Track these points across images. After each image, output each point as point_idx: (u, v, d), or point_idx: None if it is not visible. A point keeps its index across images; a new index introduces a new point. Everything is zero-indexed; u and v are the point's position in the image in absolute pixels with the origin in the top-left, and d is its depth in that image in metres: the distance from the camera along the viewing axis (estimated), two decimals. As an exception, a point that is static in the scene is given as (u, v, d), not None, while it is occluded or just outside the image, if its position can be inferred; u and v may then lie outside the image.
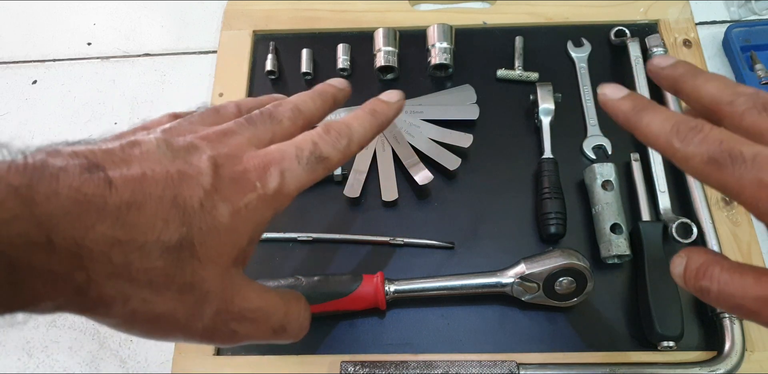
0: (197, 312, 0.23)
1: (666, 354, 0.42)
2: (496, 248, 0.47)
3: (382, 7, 0.58)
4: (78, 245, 0.19)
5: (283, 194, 0.25)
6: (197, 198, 0.22)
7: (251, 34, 0.57)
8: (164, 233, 0.21)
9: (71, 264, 0.19)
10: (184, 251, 0.21)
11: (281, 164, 0.25)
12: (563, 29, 0.56)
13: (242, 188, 0.23)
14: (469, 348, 0.43)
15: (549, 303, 0.42)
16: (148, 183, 0.21)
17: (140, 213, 0.20)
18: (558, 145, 0.50)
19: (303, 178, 0.25)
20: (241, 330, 0.25)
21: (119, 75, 0.59)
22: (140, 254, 0.20)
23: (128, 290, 0.21)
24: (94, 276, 0.20)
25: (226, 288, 0.23)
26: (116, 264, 0.20)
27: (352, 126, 0.28)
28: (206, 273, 0.22)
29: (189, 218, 0.21)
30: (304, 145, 0.26)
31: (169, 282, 0.21)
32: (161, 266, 0.21)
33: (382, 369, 0.41)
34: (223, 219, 0.22)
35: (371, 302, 0.43)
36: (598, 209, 0.46)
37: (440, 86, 0.54)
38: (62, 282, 0.19)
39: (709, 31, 0.57)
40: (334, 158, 0.27)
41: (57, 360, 0.46)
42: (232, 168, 0.24)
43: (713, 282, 0.23)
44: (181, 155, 0.23)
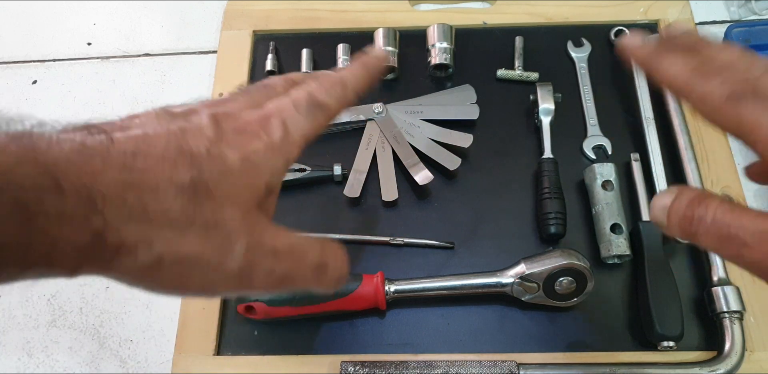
0: (227, 249, 0.22)
1: (666, 354, 0.42)
2: (496, 248, 0.47)
3: (382, 7, 0.58)
4: (88, 189, 0.19)
5: (289, 141, 0.25)
6: (203, 146, 0.22)
7: (251, 34, 0.57)
8: (174, 174, 0.20)
9: (85, 207, 0.19)
10: (199, 191, 0.21)
11: (281, 114, 0.25)
12: (563, 29, 0.56)
13: (247, 137, 0.23)
14: (469, 348, 0.43)
15: (549, 303, 0.42)
16: (150, 138, 0.21)
17: (147, 159, 0.20)
18: (558, 145, 0.50)
19: (305, 125, 0.25)
20: (279, 268, 0.24)
21: (119, 75, 0.59)
22: (154, 195, 0.20)
23: (150, 232, 0.20)
24: (111, 220, 0.19)
25: (253, 226, 0.23)
26: (131, 207, 0.19)
27: (344, 75, 0.29)
28: (227, 213, 0.22)
29: (198, 162, 0.21)
30: (299, 95, 0.26)
31: (190, 222, 0.21)
32: (178, 206, 0.20)
33: (382, 369, 0.41)
34: (233, 164, 0.22)
35: (371, 302, 0.43)
36: (598, 209, 0.46)
37: (440, 86, 0.54)
38: (79, 226, 0.19)
39: (709, 31, 0.57)
40: (332, 105, 0.27)
41: (57, 360, 0.46)
42: (232, 122, 0.24)
43: (709, 210, 0.22)
44: (180, 118, 0.23)
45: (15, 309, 0.48)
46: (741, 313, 0.41)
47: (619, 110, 0.52)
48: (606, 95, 0.53)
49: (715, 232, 0.22)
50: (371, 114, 0.51)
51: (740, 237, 0.21)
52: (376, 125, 0.51)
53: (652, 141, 0.49)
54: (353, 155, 0.50)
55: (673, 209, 0.23)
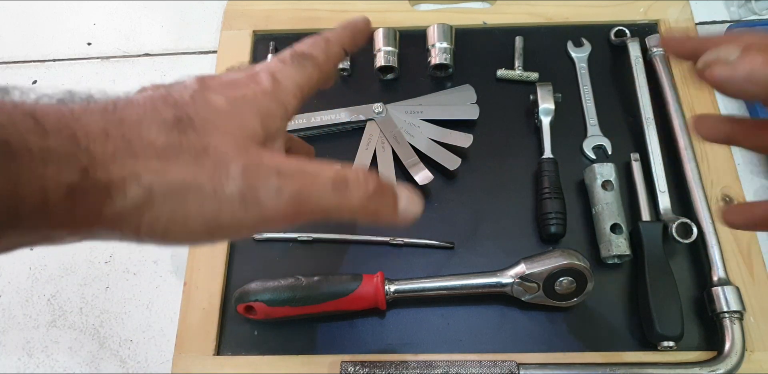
0: (221, 172, 0.20)
1: (666, 354, 0.42)
2: (496, 248, 0.47)
3: (382, 7, 0.58)
4: (71, 128, 0.19)
5: (281, 89, 0.25)
6: (186, 95, 0.22)
7: (251, 34, 0.57)
8: (157, 114, 0.21)
9: (69, 144, 0.18)
10: (183, 125, 0.21)
11: (268, 67, 0.25)
12: (563, 29, 0.56)
13: (235, 87, 0.24)
14: (469, 348, 0.43)
15: (549, 303, 0.42)
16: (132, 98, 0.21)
17: (127, 108, 0.20)
18: (558, 145, 0.50)
19: (295, 74, 0.26)
20: (288, 186, 0.21)
21: (119, 75, 0.59)
22: (138, 129, 0.20)
23: (136, 165, 0.19)
24: (97, 156, 0.19)
25: (248, 150, 0.22)
26: (116, 141, 0.19)
27: (323, 32, 0.29)
28: (216, 140, 0.21)
29: (181, 106, 0.21)
30: (283, 52, 0.27)
31: (178, 150, 0.20)
32: (164, 137, 0.20)
33: (382, 369, 0.41)
34: (219, 105, 0.22)
35: (371, 302, 0.43)
36: (598, 209, 0.46)
37: (440, 86, 0.54)
38: (65, 164, 0.18)
39: (709, 31, 0.57)
40: (318, 56, 0.27)
41: (57, 360, 0.46)
42: (218, 79, 0.24)
43: None
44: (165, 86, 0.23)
45: (15, 309, 0.48)
46: (741, 313, 0.41)
47: (619, 110, 0.52)
48: (606, 95, 0.53)
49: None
50: (371, 114, 0.51)
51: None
52: (376, 125, 0.51)
53: (652, 141, 0.49)
54: (353, 155, 0.50)
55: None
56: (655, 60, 0.52)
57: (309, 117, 0.52)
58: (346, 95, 0.54)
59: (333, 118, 0.51)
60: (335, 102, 0.53)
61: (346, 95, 0.54)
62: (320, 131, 0.52)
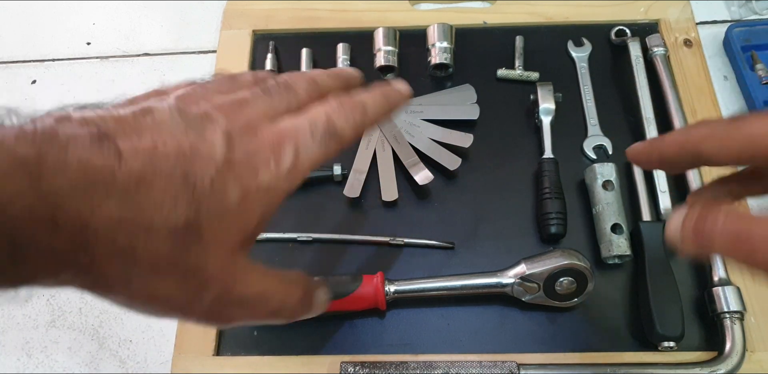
0: (197, 296, 0.22)
1: (666, 354, 0.42)
2: (497, 248, 0.47)
3: (382, 7, 0.58)
4: (83, 225, 0.19)
5: (297, 171, 0.24)
6: (209, 177, 0.21)
7: (251, 33, 0.57)
8: (172, 214, 0.20)
9: (75, 244, 0.19)
10: (190, 234, 0.21)
11: (296, 139, 0.24)
12: (563, 29, 0.56)
13: (255, 166, 0.23)
14: (470, 349, 0.43)
15: (549, 303, 0.42)
16: (158, 157, 0.20)
17: (149, 191, 0.20)
18: (558, 145, 0.49)
19: (316, 154, 0.25)
20: (238, 315, 0.25)
21: (119, 75, 0.59)
22: (146, 236, 0.20)
23: (131, 272, 0.20)
24: (98, 257, 0.19)
25: (229, 273, 0.23)
26: (121, 246, 0.20)
27: (366, 103, 0.27)
28: (210, 258, 0.22)
29: (198, 197, 0.21)
30: (318, 118, 0.25)
31: (173, 267, 0.21)
32: (166, 249, 0.20)
33: (382, 369, 0.41)
34: (233, 201, 0.22)
35: (371, 302, 0.42)
36: (598, 209, 0.45)
37: (440, 86, 0.54)
38: (64, 261, 0.19)
39: (710, 30, 0.57)
40: (346, 134, 0.26)
41: (56, 360, 0.46)
42: (246, 144, 0.23)
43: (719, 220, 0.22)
44: (194, 126, 0.22)
45: (14, 309, 0.48)
46: (742, 313, 0.41)
47: (619, 110, 0.52)
48: (606, 94, 0.53)
49: (726, 239, 0.22)
50: (371, 114, 0.51)
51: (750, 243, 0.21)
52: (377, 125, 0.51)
53: (652, 141, 0.48)
54: (353, 154, 0.50)
55: (685, 227, 0.23)
56: (656, 60, 0.52)
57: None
58: (346, 95, 0.54)
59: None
60: (335, 102, 0.53)
61: (346, 95, 0.54)
62: (320, 131, 0.52)
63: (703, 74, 0.53)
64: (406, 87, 0.31)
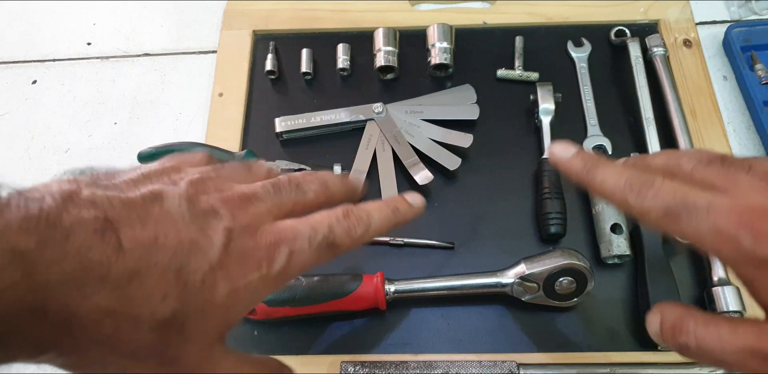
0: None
1: (666, 354, 0.42)
2: (496, 248, 0.47)
3: (382, 7, 0.58)
4: (71, 314, 0.19)
5: (286, 274, 0.24)
6: (201, 273, 0.22)
7: (251, 34, 0.57)
8: (159, 307, 0.21)
9: (60, 332, 0.19)
10: (174, 327, 0.22)
11: (293, 243, 0.24)
12: (563, 29, 0.56)
13: (247, 266, 0.23)
14: (470, 348, 0.43)
15: (549, 303, 0.42)
16: (157, 250, 0.21)
17: (141, 284, 0.20)
18: (558, 145, 0.49)
19: (309, 261, 0.25)
20: None
21: (119, 75, 0.59)
22: (130, 326, 0.21)
23: (110, 358, 0.21)
24: (80, 343, 0.20)
25: (206, 363, 0.24)
26: (104, 334, 0.20)
27: (372, 216, 0.27)
28: (190, 349, 0.23)
29: (187, 293, 0.22)
30: (320, 227, 0.25)
31: (152, 356, 0.22)
32: (147, 340, 0.21)
33: (382, 369, 0.41)
34: (220, 298, 0.22)
35: (371, 302, 0.42)
36: (598, 209, 0.46)
37: (440, 86, 0.54)
38: (46, 347, 0.20)
39: (710, 31, 0.57)
40: (344, 246, 0.26)
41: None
42: (243, 243, 0.23)
43: (690, 337, 0.23)
44: (198, 221, 0.23)
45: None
46: (741, 313, 0.41)
47: (619, 110, 0.52)
48: (606, 94, 0.53)
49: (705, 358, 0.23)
50: (371, 114, 0.51)
51: (728, 362, 0.22)
52: (376, 125, 0.51)
53: (652, 141, 0.49)
54: (353, 155, 0.50)
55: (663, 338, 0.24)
56: (656, 60, 0.52)
57: (309, 117, 0.51)
58: (346, 95, 0.54)
59: (333, 118, 0.51)
60: (335, 102, 0.53)
61: (346, 95, 0.54)
62: (320, 131, 0.52)
63: (702, 74, 0.53)
64: (420, 201, 0.31)
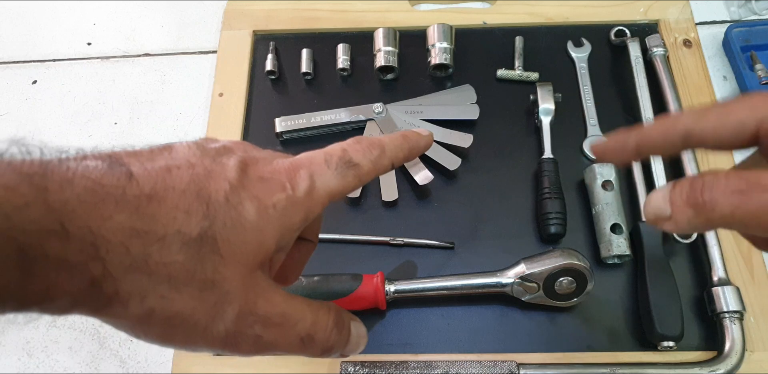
0: (218, 312, 0.21)
1: (666, 354, 0.42)
2: (496, 248, 0.47)
3: (382, 7, 0.58)
4: (94, 235, 0.18)
5: (313, 197, 0.24)
6: (223, 192, 0.21)
7: (251, 34, 0.57)
8: (185, 225, 0.20)
9: (87, 254, 0.18)
10: (205, 245, 0.20)
11: (310, 167, 0.24)
12: (563, 29, 0.56)
13: (270, 187, 0.23)
14: (469, 348, 0.43)
15: (549, 303, 0.42)
16: (171, 176, 0.20)
17: (161, 204, 0.20)
18: (558, 145, 0.50)
19: (333, 182, 0.24)
20: (266, 336, 0.23)
21: (119, 75, 0.59)
22: (159, 246, 0.20)
23: (146, 285, 0.20)
24: (111, 269, 0.19)
25: (250, 289, 0.22)
26: (134, 256, 0.19)
27: (383, 140, 0.27)
28: (228, 272, 0.21)
29: (213, 211, 0.21)
30: (333, 151, 0.25)
31: (189, 278, 0.20)
32: (181, 260, 0.20)
33: (382, 369, 0.41)
34: (249, 216, 0.22)
35: (371, 302, 0.43)
36: (598, 209, 0.46)
37: (440, 86, 0.54)
38: (77, 272, 0.19)
39: (710, 31, 0.57)
40: (364, 166, 0.26)
41: (57, 360, 0.46)
42: (260, 168, 0.23)
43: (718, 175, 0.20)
44: (210, 155, 0.23)
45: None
46: (741, 313, 0.41)
47: (619, 110, 0.52)
48: (606, 94, 0.53)
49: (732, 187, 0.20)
50: (371, 114, 0.51)
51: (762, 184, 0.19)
52: (376, 125, 0.51)
53: (652, 141, 0.48)
54: (353, 155, 0.50)
55: (676, 189, 0.21)
56: (655, 60, 0.52)
57: (309, 117, 0.51)
58: (346, 95, 0.54)
59: (333, 118, 0.51)
60: (335, 102, 0.53)
61: (346, 95, 0.54)
62: (320, 131, 0.52)
63: (702, 74, 0.53)
64: (426, 130, 0.31)
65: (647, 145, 0.25)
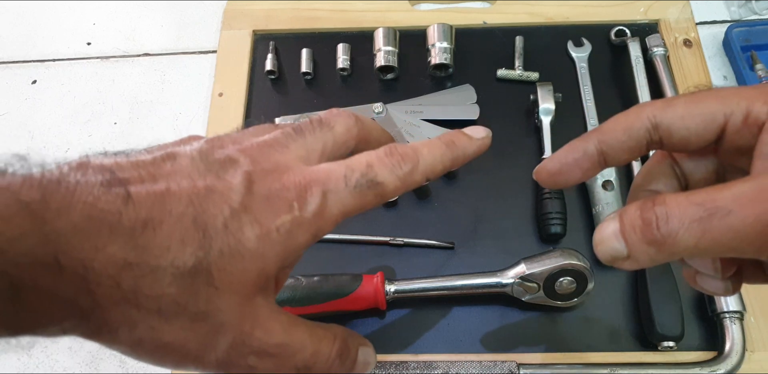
0: (210, 342, 0.21)
1: (666, 354, 0.42)
2: (497, 248, 0.47)
3: (382, 7, 0.58)
4: (85, 268, 0.18)
5: (324, 218, 0.22)
6: (221, 218, 0.20)
7: (251, 33, 0.57)
8: (179, 256, 0.19)
9: (77, 287, 0.18)
10: (198, 277, 0.20)
11: (325, 184, 0.22)
12: (563, 29, 0.56)
13: (276, 208, 0.21)
14: (469, 349, 0.43)
15: (549, 303, 0.42)
16: (170, 199, 0.19)
17: (155, 233, 0.19)
18: (558, 145, 0.49)
19: (348, 202, 0.22)
20: (260, 366, 0.22)
21: (119, 75, 0.59)
22: (150, 279, 0.19)
23: (135, 316, 0.19)
24: (100, 301, 0.19)
25: (246, 319, 0.21)
26: (124, 289, 0.19)
27: (421, 152, 0.24)
28: (223, 303, 0.20)
29: (209, 239, 0.20)
30: (357, 166, 0.22)
31: (181, 310, 0.20)
32: (172, 293, 0.19)
33: (382, 369, 0.41)
34: (249, 243, 0.20)
35: (371, 302, 0.42)
36: (598, 209, 0.46)
37: (440, 86, 0.54)
38: (67, 306, 0.18)
39: (710, 30, 0.57)
40: (389, 185, 0.23)
41: (57, 360, 0.46)
42: (268, 185, 0.21)
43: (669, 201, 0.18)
44: (214, 169, 0.21)
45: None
46: (741, 313, 0.41)
47: (619, 110, 0.50)
48: (606, 94, 0.53)
49: (690, 216, 0.18)
50: (371, 114, 0.51)
51: (720, 207, 0.18)
52: (376, 124, 0.51)
53: (652, 141, 0.48)
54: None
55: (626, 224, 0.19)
56: (656, 60, 0.52)
57: (309, 117, 0.51)
58: (345, 95, 0.54)
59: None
60: (335, 102, 0.53)
61: (345, 95, 0.54)
62: (320, 131, 0.52)
63: (702, 74, 0.53)
64: (483, 132, 0.27)
65: (613, 146, 0.23)
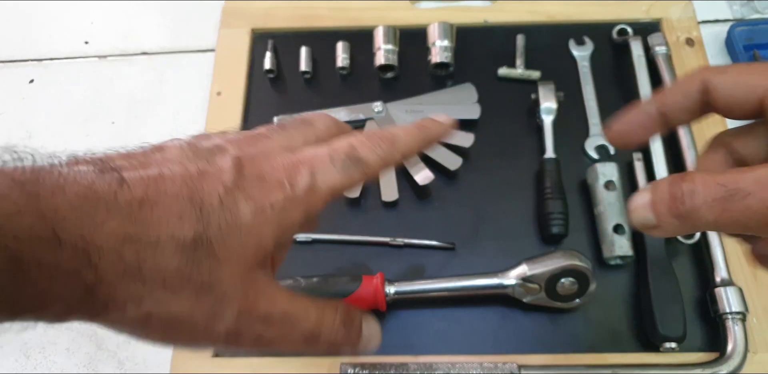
0: (217, 313, 0.21)
1: (668, 355, 0.42)
2: (498, 249, 0.47)
3: (382, 5, 0.58)
4: (86, 242, 0.18)
5: (314, 195, 0.23)
6: (216, 195, 0.21)
7: (249, 32, 0.57)
8: (178, 230, 0.20)
9: (80, 261, 0.18)
10: (200, 249, 0.20)
11: (312, 163, 0.23)
12: (565, 28, 0.56)
13: (268, 186, 0.22)
14: (470, 350, 0.43)
15: (551, 304, 0.42)
16: (164, 182, 0.20)
17: (153, 209, 0.19)
18: (560, 144, 0.49)
19: (336, 180, 0.24)
20: (267, 334, 0.23)
21: (117, 74, 0.58)
22: (153, 251, 0.19)
23: (141, 290, 0.20)
24: (104, 275, 0.19)
25: (249, 289, 0.22)
26: (127, 262, 0.19)
27: (396, 134, 0.26)
28: (225, 273, 0.21)
29: (206, 215, 0.20)
30: (340, 147, 0.24)
31: (185, 282, 0.20)
32: (175, 264, 0.20)
33: (381, 370, 0.41)
34: (245, 218, 0.21)
35: (371, 303, 0.42)
36: (600, 210, 0.45)
37: (441, 85, 0.54)
38: (71, 279, 0.18)
39: (712, 29, 0.56)
40: (372, 162, 0.25)
41: (55, 361, 0.46)
42: (258, 167, 0.22)
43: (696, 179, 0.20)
44: (203, 156, 0.22)
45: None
46: (744, 314, 0.41)
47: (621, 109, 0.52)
48: (608, 93, 0.52)
49: (712, 195, 0.20)
50: (371, 113, 0.51)
51: (741, 189, 0.19)
52: (376, 124, 0.51)
53: (654, 141, 0.48)
54: (353, 154, 0.50)
55: (656, 197, 0.21)
56: (658, 59, 0.52)
57: None
58: (345, 94, 0.54)
59: (332, 117, 0.51)
60: (334, 101, 0.53)
61: (345, 94, 0.54)
62: (320, 131, 0.52)
63: (705, 73, 0.52)
64: (447, 118, 0.30)
65: (671, 107, 0.25)
